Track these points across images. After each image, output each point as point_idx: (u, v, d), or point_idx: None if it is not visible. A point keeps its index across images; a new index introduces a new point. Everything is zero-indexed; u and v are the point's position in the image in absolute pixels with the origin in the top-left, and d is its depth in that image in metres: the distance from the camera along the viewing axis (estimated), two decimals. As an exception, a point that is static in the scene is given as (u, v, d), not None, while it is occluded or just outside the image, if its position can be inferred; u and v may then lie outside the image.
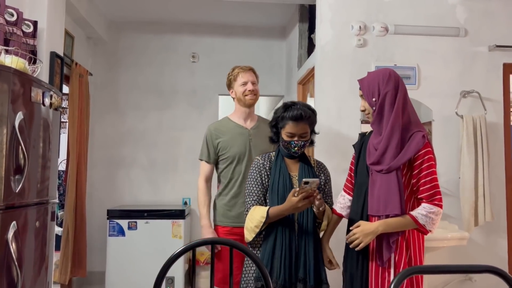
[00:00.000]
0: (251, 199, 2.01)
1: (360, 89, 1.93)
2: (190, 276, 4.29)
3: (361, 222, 1.81)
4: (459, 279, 3.06)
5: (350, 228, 1.85)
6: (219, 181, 2.52)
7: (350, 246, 1.82)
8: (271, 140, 2.12)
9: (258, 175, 2.02)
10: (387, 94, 1.81)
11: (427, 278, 2.12)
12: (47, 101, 2.10)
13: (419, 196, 1.78)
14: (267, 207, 1.91)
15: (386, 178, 1.76)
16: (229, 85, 2.56)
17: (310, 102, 3.87)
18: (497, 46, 3.19)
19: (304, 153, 2.08)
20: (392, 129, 1.78)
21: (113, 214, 3.90)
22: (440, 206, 1.75)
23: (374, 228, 1.75)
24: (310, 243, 1.92)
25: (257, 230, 1.89)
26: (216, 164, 2.48)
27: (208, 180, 2.50)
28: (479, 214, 2.98)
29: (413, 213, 1.75)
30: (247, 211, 1.99)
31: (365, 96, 1.87)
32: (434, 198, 1.75)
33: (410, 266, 1.86)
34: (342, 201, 2.06)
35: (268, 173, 2.03)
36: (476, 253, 3.09)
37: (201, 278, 4.04)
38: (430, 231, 1.75)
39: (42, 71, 2.70)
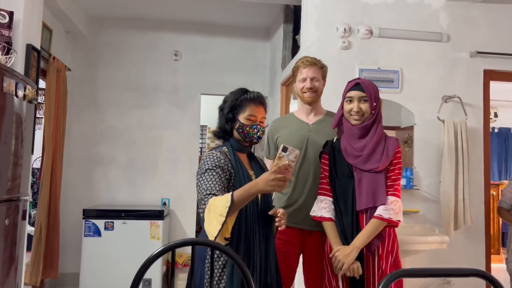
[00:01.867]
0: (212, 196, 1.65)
1: (355, 90, 1.97)
2: (168, 278, 4.20)
3: (339, 247, 1.92)
4: (437, 282, 3.08)
5: (330, 255, 1.94)
6: None
7: (336, 272, 1.91)
8: (222, 132, 1.87)
9: (222, 172, 1.71)
10: (380, 103, 2.01)
11: (406, 281, 2.10)
12: (20, 92, 2.00)
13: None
14: (230, 193, 1.61)
15: (374, 176, 1.91)
16: (294, 77, 2.35)
17: (294, 104, 3.85)
18: (478, 52, 3.23)
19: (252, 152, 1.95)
20: (380, 135, 1.97)
21: (89, 214, 3.79)
22: (397, 196, 1.92)
23: (352, 246, 1.88)
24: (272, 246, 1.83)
25: (222, 219, 1.55)
26: None
27: None
28: (458, 218, 3.01)
29: (376, 214, 1.89)
30: (204, 205, 1.65)
31: (369, 98, 1.94)
32: (393, 190, 1.93)
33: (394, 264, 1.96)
34: (326, 205, 2.04)
35: (232, 171, 1.76)
36: (454, 257, 3.11)
37: (179, 280, 3.96)
38: (399, 220, 1.89)
39: (17, 64, 2.59)
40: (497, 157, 6.70)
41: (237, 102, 1.82)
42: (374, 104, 1.94)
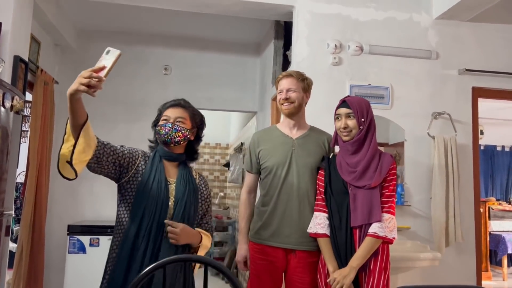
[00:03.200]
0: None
1: (342, 107, 2.03)
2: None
3: (337, 271, 1.91)
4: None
5: (328, 280, 1.91)
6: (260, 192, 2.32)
7: None
8: (154, 143, 1.87)
9: (122, 150, 1.72)
10: (372, 120, 2.03)
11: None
12: (7, 103, 1.95)
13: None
14: None
15: (368, 192, 1.92)
16: None
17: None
18: (467, 70, 3.28)
19: (186, 162, 1.87)
20: (374, 151, 1.99)
21: (74, 230, 3.69)
22: (392, 213, 1.93)
23: (349, 267, 1.88)
24: None
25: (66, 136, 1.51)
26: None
27: (251, 191, 2.30)
28: (449, 234, 3.00)
29: (371, 232, 1.90)
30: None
31: (355, 114, 1.99)
32: (387, 207, 1.94)
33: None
34: (321, 221, 2.02)
35: (139, 169, 1.74)
36: (445, 273, 3.08)
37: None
38: (393, 238, 1.91)
39: (4, 75, 2.53)
40: (483, 174, 6.77)
41: (160, 113, 1.85)
42: (362, 119, 1.97)
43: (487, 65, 3.35)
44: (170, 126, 1.76)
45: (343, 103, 2.04)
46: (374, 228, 1.89)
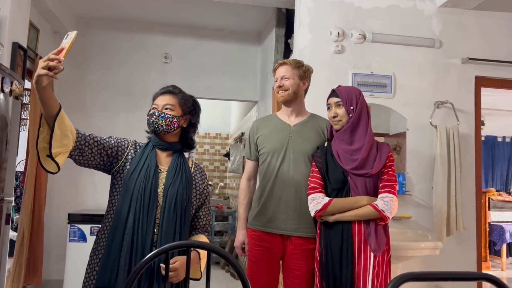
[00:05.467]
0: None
1: (332, 97, 2.06)
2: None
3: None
4: (429, 288, 3.06)
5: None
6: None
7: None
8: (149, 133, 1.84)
9: (109, 140, 1.70)
10: (363, 108, 2.02)
11: None
12: (6, 88, 1.92)
13: (380, 190, 1.98)
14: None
15: (369, 180, 1.95)
16: None
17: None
18: (470, 58, 3.24)
19: (183, 153, 1.83)
20: (372, 139, 2.01)
21: (74, 219, 3.68)
22: (394, 194, 1.95)
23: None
24: None
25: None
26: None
27: (251, 178, 2.31)
28: (451, 224, 2.99)
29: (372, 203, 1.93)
30: None
31: (343, 103, 2.00)
32: (390, 187, 1.95)
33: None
34: (320, 195, 1.99)
35: (129, 157, 1.72)
36: (446, 262, 3.08)
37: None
38: (389, 217, 1.91)
39: (2, 61, 2.50)
40: (484, 164, 6.77)
41: (152, 102, 1.80)
42: (351, 108, 1.99)
43: (491, 54, 3.31)
44: (157, 114, 1.72)
45: (333, 92, 2.07)
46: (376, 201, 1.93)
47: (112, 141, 1.72)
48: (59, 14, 3.86)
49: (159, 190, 1.67)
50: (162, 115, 1.73)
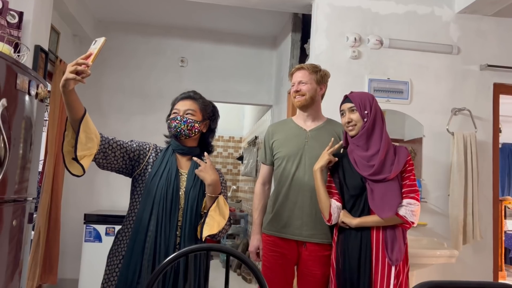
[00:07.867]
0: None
1: (345, 103, 2.05)
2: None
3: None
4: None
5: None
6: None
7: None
8: (168, 137, 1.87)
9: (131, 144, 1.74)
10: (378, 112, 2.00)
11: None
12: (33, 91, 1.96)
13: (403, 196, 1.95)
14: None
15: (387, 185, 1.91)
16: None
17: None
18: (488, 65, 3.21)
19: (200, 155, 1.83)
20: (388, 144, 1.98)
21: (90, 219, 3.73)
22: (417, 200, 1.92)
23: (359, 221, 1.92)
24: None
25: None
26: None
27: (266, 183, 2.31)
28: (467, 232, 2.96)
29: None
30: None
31: (357, 107, 1.99)
32: (413, 194, 1.92)
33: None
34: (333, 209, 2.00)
35: (150, 161, 1.75)
36: (461, 271, 3.05)
37: None
38: (412, 222, 1.89)
39: (25, 64, 2.56)
40: (500, 172, 6.66)
41: (172, 107, 1.84)
42: (366, 112, 1.97)
43: (510, 61, 3.28)
44: (179, 119, 1.75)
45: (346, 98, 2.05)
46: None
47: (134, 145, 1.75)
48: (79, 18, 3.93)
49: (180, 193, 1.69)
50: (184, 119, 1.75)
